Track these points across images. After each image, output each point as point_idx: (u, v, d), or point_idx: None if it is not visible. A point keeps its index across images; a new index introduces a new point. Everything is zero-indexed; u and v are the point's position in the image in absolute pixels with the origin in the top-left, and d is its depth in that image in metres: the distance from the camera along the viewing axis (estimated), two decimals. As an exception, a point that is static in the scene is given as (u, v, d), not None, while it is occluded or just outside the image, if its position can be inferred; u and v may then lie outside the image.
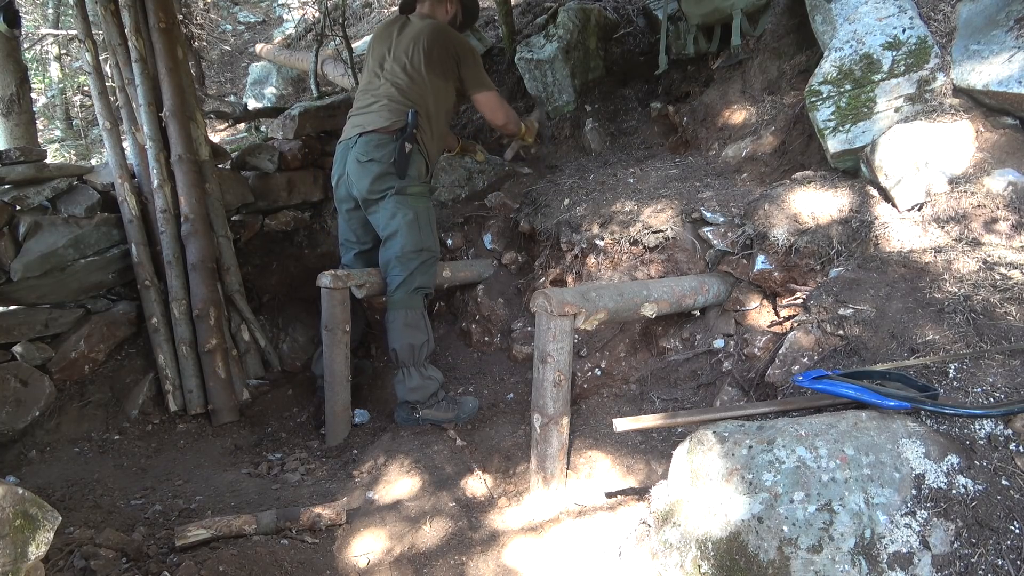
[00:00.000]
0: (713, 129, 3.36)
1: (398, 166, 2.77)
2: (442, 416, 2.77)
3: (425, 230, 2.84)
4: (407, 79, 2.88)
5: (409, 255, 2.79)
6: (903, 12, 2.43)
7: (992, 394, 1.53)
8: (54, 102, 9.59)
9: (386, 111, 2.83)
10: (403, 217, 2.78)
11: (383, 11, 8.17)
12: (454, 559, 1.97)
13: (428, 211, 2.90)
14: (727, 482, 1.47)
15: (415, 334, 2.78)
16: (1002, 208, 2.08)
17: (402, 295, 2.79)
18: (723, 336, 2.51)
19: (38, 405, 2.78)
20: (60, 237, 2.99)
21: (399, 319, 2.78)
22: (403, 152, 2.78)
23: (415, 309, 2.81)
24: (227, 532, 2.02)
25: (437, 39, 2.95)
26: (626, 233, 2.81)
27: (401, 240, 2.78)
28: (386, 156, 2.77)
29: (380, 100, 2.87)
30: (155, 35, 3.26)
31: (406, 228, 2.78)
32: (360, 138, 2.82)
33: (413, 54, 2.91)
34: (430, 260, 2.86)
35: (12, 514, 1.29)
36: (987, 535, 1.27)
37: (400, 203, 2.79)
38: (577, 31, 3.98)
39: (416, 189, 2.83)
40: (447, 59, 2.95)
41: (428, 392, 2.76)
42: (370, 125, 2.81)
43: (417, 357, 2.77)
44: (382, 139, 2.80)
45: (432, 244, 2.88)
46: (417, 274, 2.81)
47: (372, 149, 2.78)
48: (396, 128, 2.81)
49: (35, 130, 4.69)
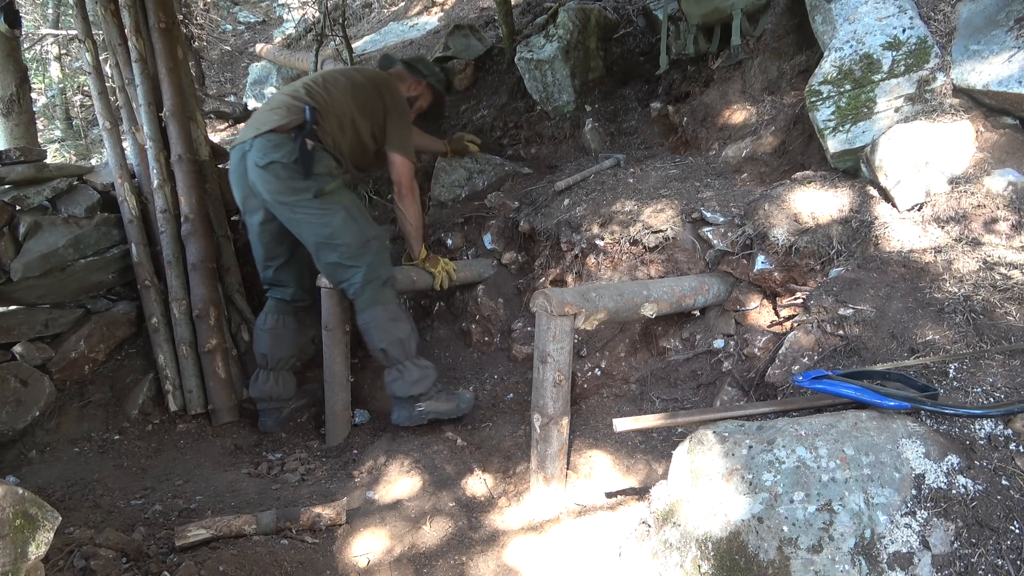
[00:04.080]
0: (713, 129, 3.36)
1: (302, 164, 2.57)
2: (444, 407, 2.68)
3: (361, 220, 2.69)
4: (315, 90, 2.74)
5: (359, 250, 2.63)
6: (903, 12, 2.43)
7: (992, 394, 1.53)
8: (54, 102, 9.60)
9: (283, 110, 2.66)
10: (334, 216, 2.61)
11: (383, 11, 8.17)
12: (454, 559, 1.97)
13: (355, 201, 2.76)
14: (727, 482, 1.47)
15: (399, 327, 2.66)
16: (1002, 208, 2.08)
17: (372, 293, 2.65)
18: (723, 336, 2.51)
19: (38, 405, 2.78)
20: (60, 237, 2.99)
21: (376, 317, 2.64)
22: (304, 149, 2.58)
23: (388, 302, 2.68)
24: (227, 532, 2.02)
25: (374, 80, 2.88)
26: (626, 233, 2.81)
27: (343, 239, 2.61)
28: (286, 155, 2.58)
29: (275, 105, 2.71)
30: (155, 35, 3.26)
31: (343, 226, 2.62)
32: (255, 140, 2.62)
33: (337, 79, 2.83)
34: (381, 247, 2.72)
35: (12, 514, 1.29)
36: (987, 535, 1.27)
37: (325, 204, 2.62)
38: (577, 31, 3.98)
39: (333, 184, 2.66)
40: (375, 101, 2.84)
41: (429, 382, 2.67)
42: (265, 126, 2.63)
43: (408, 350, 2.67)
44: (279, 139, 2.60)
45: (375, 231, 2.73)
46: (376, 265, 2.66)
47: (270, 150, 2.59)
48: (293, 126, 2.62)
49: (35, 130, 4.70)
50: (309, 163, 2.58)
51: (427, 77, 3.16)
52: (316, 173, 2.60)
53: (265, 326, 2.95)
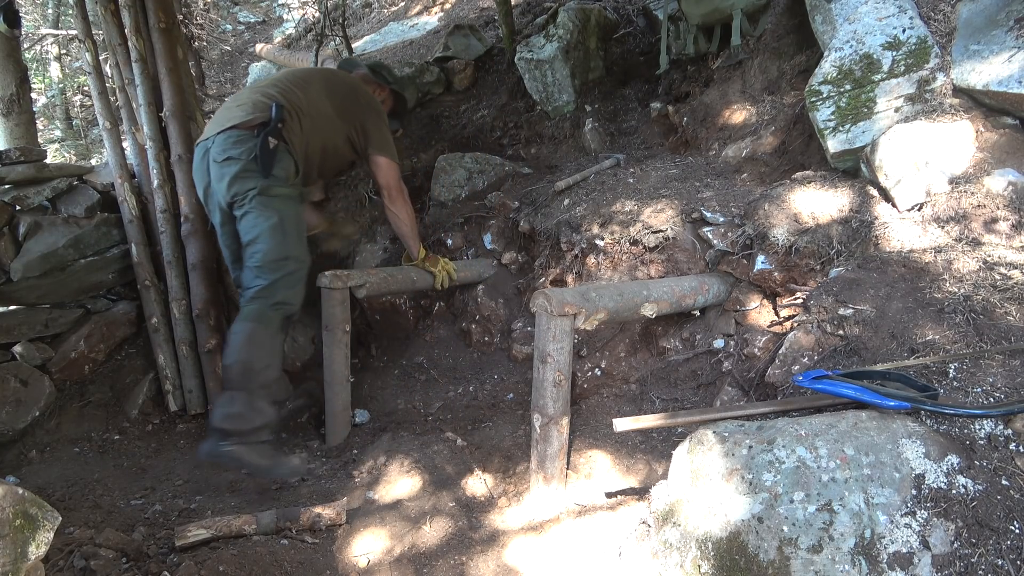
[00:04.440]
0: (713, 129, 3.36)
1: (261, 163, 2.44)
2: (255, 461, 2.34)
3: (291, 236, 2.51)
4: (289, 89, 2.63)
5: (271, 264, 2.45)
6: (903, 12, 2.43)
7: (992, 394, 1.53)
8: (54, 102, 9.60)
9: (248, 106, 2.54)
10: (265, 220, 2.45)
11: (383, 11, 8.18)
12: (454, 559, 1.97)
13: (296, 217, 2.57)
14: (727, 482, 1.47)
15: (258, 354, 2.40)
16: (1002, 208, 2.08)
17: (257, 308, 2.44)
18: (723, 336, 2.51)
19: (38, 405, 2.78)
20: (60, 237, 2.99)
21: (244, 332, 2.41)
22: (266, 147, 2.45)
23: (268, 326, 2.45)
24: (227, 532, 2.02)
25: (350, 83, 2.82)
26: (626, 233, 2.81)
27: (263, 246, 2.45)
28: (246, 152, 2.46)
29: (242, 102, 2.59)
30: (155, 35, 3.26)
31: (268, 233, 2.45)
32: (217, 137, 2.51)
33: (313, 79, 2.74)
34: (297, 272, 2.53)
35: (12, 514, 1.29)
36: (987, 535, 1.27)
37: (262, 204, 2.46)
38: (577, 31, 3.98)
39: (282, 190, 2.51)
40: (353, 104, 2.78)
41: (250, 425, 2.34)
42: (228, 122, 2.51)
43: (251, 382, 2.37)
44: (241, 135, 2.48)
45: (300, 254, 2.55)
46: (280, 286, 2.47)
47: (230, 146, 2.47)
48: (257, 123, 2.50)
49: (35, 130, 4.70)
50: (269, 161, 2.46)
51: (390, 83, 3.11)
52: (274, 174, 2.48)
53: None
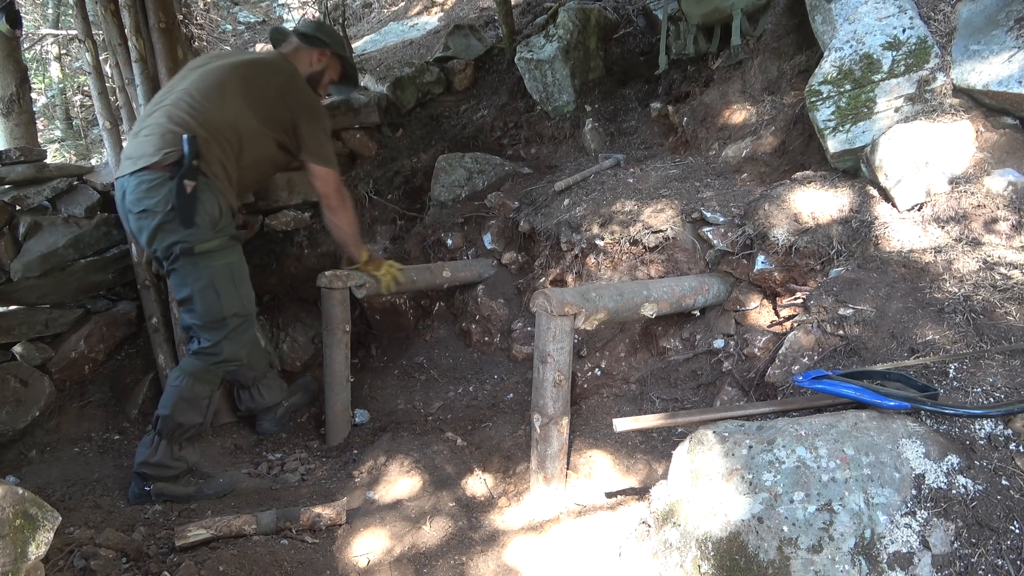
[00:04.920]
0: (713, 129, 3.36)
1: (180, 213, 2.19)
2: (180, 491, 2.37)
3: (227, 294, 2.33)
4: (196, 106, 2.30)
5: (210, 325, 2.34)
6: (903, 12, 2.43)
7: (992, 394, 1.53)
8: (54, 102, 9.60)
9: (156, 138, 2.24)
10: (195, 281, 2.28)
11: (383, 11, 8.17)
12: (455, 559, 1.97)
13: (229, 269, 2.35)
14: (727, 482, 1.47)
15: (190, 414, 2.35)
16: (1002, 208, 2.08)
17: (201, 365, 2.36)
18: (723, 336, 2.51)
19: (38, 405, 2.78)
20: (60, 237, 2.99)
21: (180, 387, 2.34)
22: (183, 193, 2.18)
23: (205, 385, 2.37)
24: (227, 532, 2.02)
25: (272, 79, 2.46)
26: (626, 233, 2.81)
27: (197, 307, 2.31)
28: (161, 202, 2.19)
29: (150, 130, 2.29)
30: (155, 35, 3.26)
31: (199, 295, 2.29)
32: (130, 179, 2.24)
33: (225, 82, 2.38)
34: (240, 327, 2.39)
35: (12, 514, 1.29)
36: (987, 535, 1.27)
37: (190, 264, 2.26)
38: (577, 31, 3.98)
39: (207, 245, 2.26)
40: (278, 106, 2.45)
41: (170, 474, 2.37)
42: (140, 160, 2.24)
43: (177, 435, 2.37)
44: (155, 179, 2.20)
45: (242, 307, 2.38)
46: (224, 346, 2.36)
47: (143, 195, 2.21)
48: (170, 162, 2.21)
49: (35, 130, 4.70)
50: (190, 210, 2.20)
51: (329, 45, 2.68)
52: (197, 223, 2.23)
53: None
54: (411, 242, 3.69)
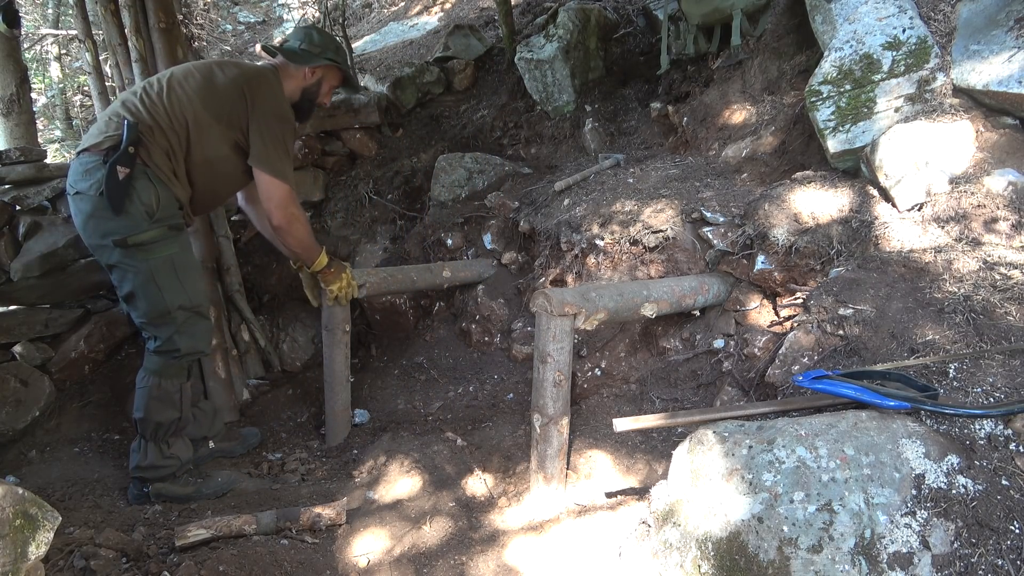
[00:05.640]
0: (713, 129, 3.36)
1: (109, 199, 2.05)
2: (180, 491, 2.36)
3: (170, 288, 2.20)
4: (148, 95, 2.21)
5: (156, 321, 2.23)
6: (903, 12, 2.43)
7: (992, 394, 1.53)
8: (54, 102, 9.60)
9: (103, 121, 2.18)
10: (134, 278, 2.16)
11: (383, 11, 8.17)
12: (455, 559, 1.97)
13: (169, 260, 2.20)
14: (727, 482, 1.47)
15: (164, 410, 2.30)
16: (1002, 208, 2.08)
17: (162, 361, 2.28)
18: (723, 336, 2.51)
19: (38, 405, 2.78)
20: (60, 237, 2.99)
21: (148, 387, 2.28)
22: (114, 178, 2.04)
23: (172, 380, 2.31)
24: (227, 532, 2.02)
25: (237, 77, 2.28)
26: (626, 233, 2.81)
27: (140, 304, 2.20)
28: (94, 186, 2.08)
29: (108, 114, 2.21)
30: (155, 35, 3.26)
31: (141, 292, 2.18)
32: (75, 160, 2.18)
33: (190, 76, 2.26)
34: (190, 320, 2.28)
35: (12, 514, 1.29)
36: (987, 535, 1.27)
37: (126, 260, 2.14)
38: (577, 31, 3.98)
39: (142, 237, 2.12)
40: (235, 102, 2.25)
41: (164, 473, 2.35)
42: (86, 141, 2.17)
43: (160, 434, 2.33)
44: (91, 162, 2.11)
45: (187, 299, 2.26)
46: (177, 340, 2.26)
47: (80, 177, 2.12)
48: (107, 147, 2.10)
49: (35, 130, 4.71)
50: (120, 197, 2.06)
51: (317, 57, 2.43)
52: (128, 211, 2.09)
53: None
54: (411, 242, 3.69)
